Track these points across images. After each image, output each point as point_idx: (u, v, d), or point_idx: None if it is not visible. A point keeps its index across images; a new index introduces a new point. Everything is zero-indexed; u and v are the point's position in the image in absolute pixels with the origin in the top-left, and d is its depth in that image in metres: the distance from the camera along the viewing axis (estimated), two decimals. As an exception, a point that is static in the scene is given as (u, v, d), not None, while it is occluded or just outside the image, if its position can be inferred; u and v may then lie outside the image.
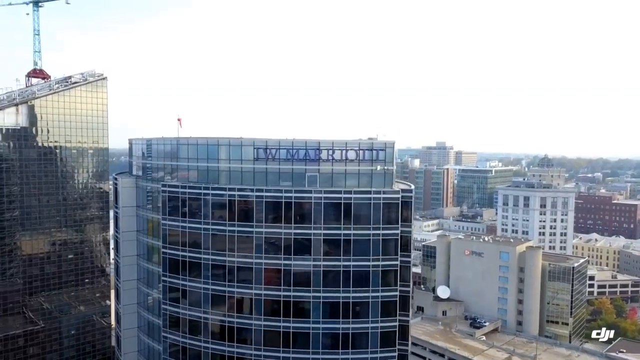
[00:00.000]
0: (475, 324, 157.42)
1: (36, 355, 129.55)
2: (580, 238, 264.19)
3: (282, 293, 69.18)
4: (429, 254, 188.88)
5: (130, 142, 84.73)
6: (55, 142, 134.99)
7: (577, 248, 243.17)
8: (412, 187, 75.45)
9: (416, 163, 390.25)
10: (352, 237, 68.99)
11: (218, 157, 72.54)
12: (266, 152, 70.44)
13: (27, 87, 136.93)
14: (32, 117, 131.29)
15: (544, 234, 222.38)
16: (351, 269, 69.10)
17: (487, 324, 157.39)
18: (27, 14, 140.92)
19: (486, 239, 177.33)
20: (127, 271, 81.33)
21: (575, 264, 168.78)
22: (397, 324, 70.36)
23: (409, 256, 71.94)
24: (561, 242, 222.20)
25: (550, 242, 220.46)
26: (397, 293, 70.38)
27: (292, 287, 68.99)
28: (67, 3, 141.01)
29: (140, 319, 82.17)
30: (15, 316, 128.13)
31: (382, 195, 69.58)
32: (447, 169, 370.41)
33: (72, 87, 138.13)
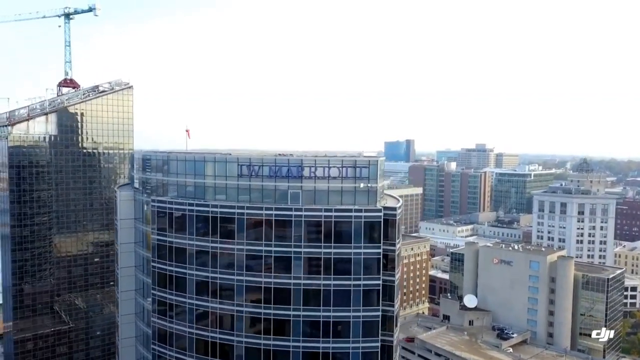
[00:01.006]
0: (502, 335, 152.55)
1: (63, 354, 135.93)
2: (624, 246, 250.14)
3: (262, 310, 69.45)
4: (457, 260, 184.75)
5: (132, 154, 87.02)
6: (84, 148, 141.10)
7: (619, 257, 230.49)
8: (400, 203, 73.90)
9: (452, 166, 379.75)
10: (332, 256, 68.34)
11: (204, 173, 73.50)
12: (249, 168, 70.73)
13: (58, 95, 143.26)
14: (62, 125, 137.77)
15: (581, 242, 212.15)
16: (332, 288, 68.49)
17: (515, 335, 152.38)
18: (59, 26, 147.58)
19: (516, 247, 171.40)
20: (125, 282, 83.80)
21: (611, 275, 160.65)
22: (379, 344, 69.19)
23: (394, 275, 70.44)
24: (600, 250, 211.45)
25: (588, 250, 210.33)
26: (380, 313, 69.21)
27: (272, 305, 69.10)
28: (95, 15, 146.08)
29: (137, 330, 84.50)
30: (44, 316, 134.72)
31: (363, 214, 68.59)
32: (485, 172, 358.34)
33: (99, 96, 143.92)
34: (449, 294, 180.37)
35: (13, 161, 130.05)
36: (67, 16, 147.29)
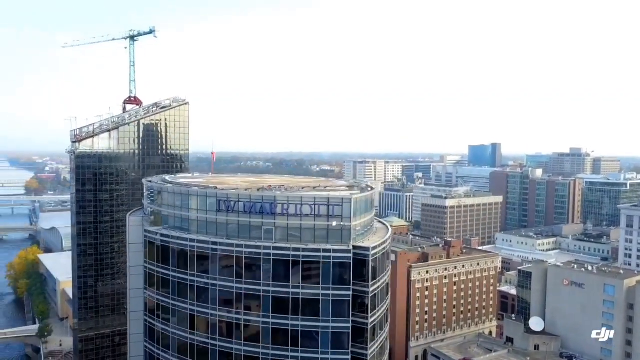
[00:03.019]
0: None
1: (124, 355, 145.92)
2: None
3: (234, 347, 69.98)
4: (525, 278, 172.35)
5: (143, 181, 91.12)
6: (143, 160, 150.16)
7: None
8: (377, 243, 70.32)
9: (538, 173, 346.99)
10: (300, 296, 67.08)
11: (189, 206, 75.39)
12: (227, 204, 71.43)
13: (123, 112, 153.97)
14: (123, 140, 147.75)
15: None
16: (299, 329, 67.27)
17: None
18: (125, 47, 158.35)
19: (589, 268, 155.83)
20: (134, 303, 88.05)
21: None
22: (348, 389, 66.80)
23: (366, 317, 67.53)
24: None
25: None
26: (349, 357, 66.73)
27: (242, 342, 69.39)
28: (155, 37, 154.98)
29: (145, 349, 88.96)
30: (105, 317, 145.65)
31: (331, 254, 66.48)
32: (574, 180, 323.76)
33: (158, 112, 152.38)
34: (513, 315, 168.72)
35: (79, 175, 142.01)
36: (132, 38, 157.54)
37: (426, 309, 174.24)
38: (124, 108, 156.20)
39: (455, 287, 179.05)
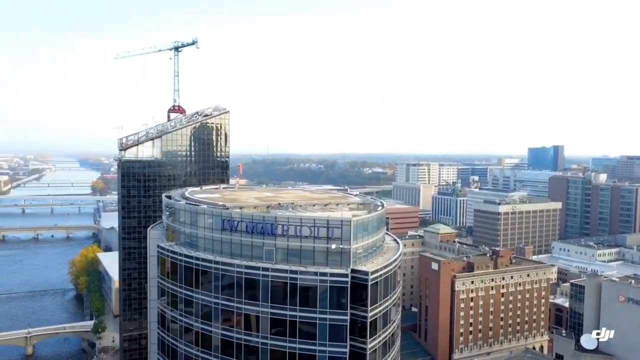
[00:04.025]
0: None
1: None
2: None
3: (234, 365, 70.28)
4: (578, 293, 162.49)
5: (163, 196, 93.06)
6: (186, 167, 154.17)
7: None
8: (378, 267, 68.15)
9: (601, 178, 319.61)
10: (297, 319, 66.26)
11: (197, 223, 76.39)
12: (230, 223, 71.80)
13: (168, 121, 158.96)
14: (166, 147, 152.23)
15: None
16: (297, 352, 66.47)
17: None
18: (170, 58, 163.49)
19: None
20: (153, 314, 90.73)
21: None
22: (344, 415, 65.31)
23: (365, 343, 65.70)
24: None
25: None
26: (346, 382, 65.26)
27: (242, 361, 69.56)
28: (197, 47, 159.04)
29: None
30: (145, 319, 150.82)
31: (328, 278, 65.16)
32: None
33: (200, 121, 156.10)
34: (563, 331, 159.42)
35: (124, 181, 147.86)
36: (177, 49, 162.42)
37: (471, 320, 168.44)
38: (169, 117, 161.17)
39: (502, 299, 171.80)
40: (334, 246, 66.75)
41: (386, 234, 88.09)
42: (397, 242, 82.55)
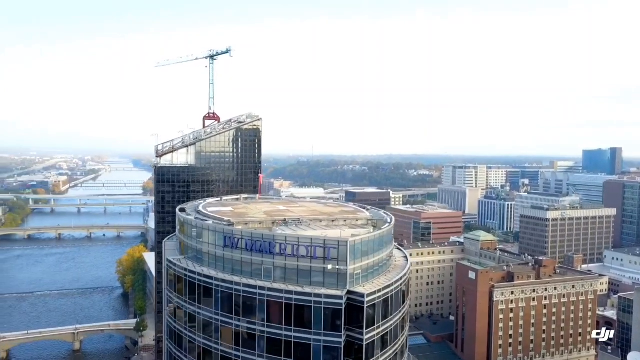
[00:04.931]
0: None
1: None
2: None
3: (232, 383, 70.13)
4: (626, 306, 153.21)
5: (177, 210, 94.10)
6: (218, 175, 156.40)
7: None
8: (376, 288, 66.13)
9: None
10: (292, 340, 65.38)
11: (202, 239, 76.84)
12: (231, 240, 71.76)
13: (203, 127, 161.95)
14: (199, 154, 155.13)
15: None
16: (292, 373, 65.57)
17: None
18: (206, 66, 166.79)
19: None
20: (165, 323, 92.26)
21: None
22: None
23: (361, 366, 63.95)
24: None
25: None
26: (340, 404, 63.77)
27: (239, 379, 69.34)
28: (230, 56, 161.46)
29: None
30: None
31: (322, 299, 63.87)
32: None
33: (233, 128, 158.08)
34: (609, 347, 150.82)
35: (159, 187, 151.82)
36: (212, 57, 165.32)
37: (510, 332, 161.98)
38: (204, 123, 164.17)
39: (545, 311, 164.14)
40: (330, 267, 65.40)
41: (397, 248, 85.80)
42: (407, 259, 79.97)
